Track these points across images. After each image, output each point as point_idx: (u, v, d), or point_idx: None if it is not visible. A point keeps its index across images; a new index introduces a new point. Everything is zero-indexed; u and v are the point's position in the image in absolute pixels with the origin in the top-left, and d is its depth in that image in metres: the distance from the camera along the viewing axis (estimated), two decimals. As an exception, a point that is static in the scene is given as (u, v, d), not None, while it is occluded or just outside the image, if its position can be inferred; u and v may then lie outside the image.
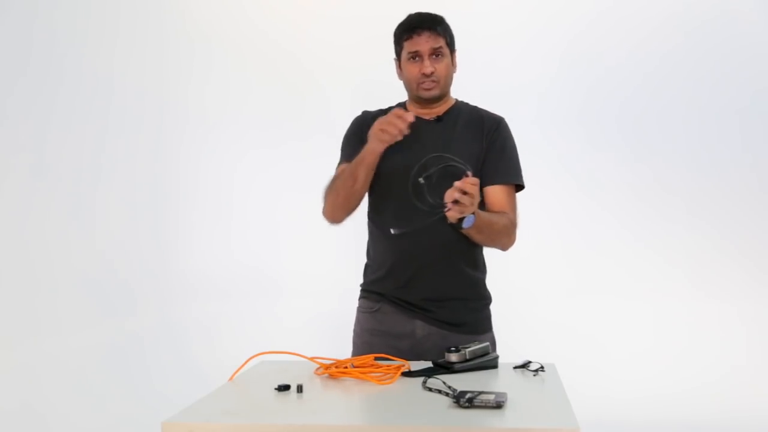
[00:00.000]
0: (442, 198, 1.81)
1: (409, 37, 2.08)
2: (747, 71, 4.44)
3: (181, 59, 4.65)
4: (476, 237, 2.02)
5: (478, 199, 1.82)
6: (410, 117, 1.92)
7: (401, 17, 2.15)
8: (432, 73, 2.07)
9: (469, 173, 1.81)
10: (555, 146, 4.44)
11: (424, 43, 2.06)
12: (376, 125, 1.94)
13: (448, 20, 2.15)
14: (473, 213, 1.86)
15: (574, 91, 4.51)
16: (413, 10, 2.16)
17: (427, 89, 2.09)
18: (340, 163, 2.19)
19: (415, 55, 2.07)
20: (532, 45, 4.51)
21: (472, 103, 2.24)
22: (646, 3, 4.50)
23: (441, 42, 2.08)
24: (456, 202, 1.79)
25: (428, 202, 1.87)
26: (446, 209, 1.81)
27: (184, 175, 4.65)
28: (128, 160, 4.58)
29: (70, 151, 4.51)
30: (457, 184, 1.78)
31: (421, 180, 1.85)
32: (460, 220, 1.86)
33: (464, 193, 1.78)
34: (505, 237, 2.08)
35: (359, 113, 2.23)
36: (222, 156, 4.62)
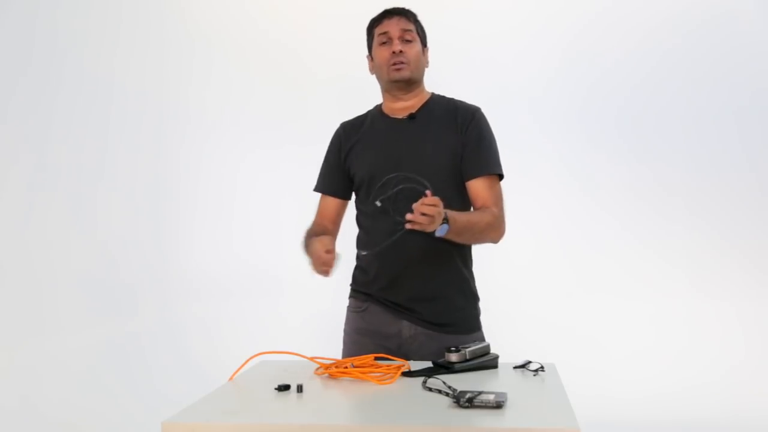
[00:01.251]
0: (404, 215, 1.78)
1: (380, 23, 2.13)
2: (746, 71, 4.44)
3: (182, 59, 4.66)
4: (458, 239, 1.98)
5: (440, 215, 1.78)
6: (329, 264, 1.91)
7: None
8: (401, 52, 2.07)
9: (428, 192, 1.79)
10: (554, 145, 4.45)
11: (394, 25, 2.10)
12: (315, 266, 1.95)
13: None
14: (445, 221, 1.83)
15: (573, 90, 4.51)
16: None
17: (397, 69, 2.07)
18: (316, 188, 2.25)
19: (385, 39, 2.10)
20: (532, 44, 4.51)
21: (469, 101, 2.22)
22: (645, 3, 4.50)
23: (411, 26, 2.11)
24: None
25: (391, 220, 1.86)
26: (405, 227, 1.77)
27: (185, 174, 4.65)
28: (129, 159, 4.59)
29: (72, 152, 4.51)
30: (414, 206, 1.74)
31: (377, 203, 1.86)
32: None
33: (423, 213, 1.75)
34: (491, 233, 2.04)
35: (338, 126, 2.25)
36: (223, 155, 4.62)
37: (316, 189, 2.25)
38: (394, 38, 2.09)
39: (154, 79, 4.61)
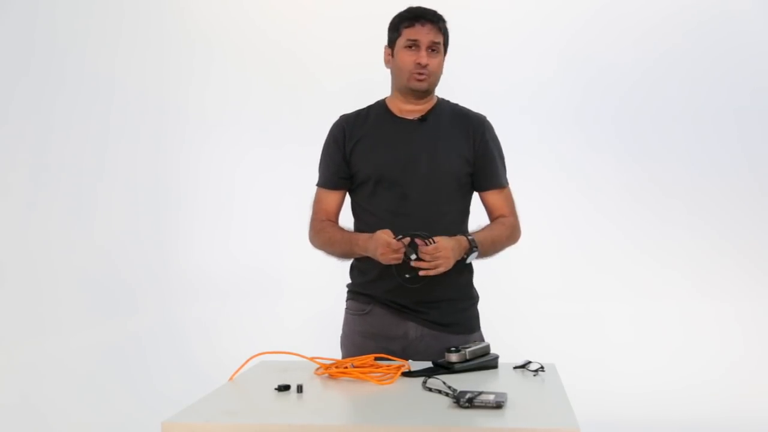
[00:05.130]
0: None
1: (411, 26, 2.05)
2: (745, 70, 4.44)
3: (182, 59, 4.66)
4: (485, 258, 2.08)
5: (450, 260, 1.92)
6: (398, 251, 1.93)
7: None
8: (427, 65, 2.05)
9: (428, 241, 1.91)
10: (551, 145, 4.44)
11: (425, 34, 2.04)
12: (380, 255, 1.93)
13: (445, 19, 2.13)
14: (476, 248, 1.99)
15: (570, 89, 4.51)
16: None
17: (419, 80, 2.06)
18: (318, 184, 2.20)
19: (413, 44, 2.05)
20: (528, 43, 4.51)
21: (467, 101, 2.23)
22: (644, 2, 4.50)
23: (440, 38, 2.07)
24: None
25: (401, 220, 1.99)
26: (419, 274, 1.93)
27: (184, 175, 4.65)
28: (129, 160, 4.59)
29: (72, 152, 4.51)
30: (423, 255, 1.90)
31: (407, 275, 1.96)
32: (464, 257, 2.00)
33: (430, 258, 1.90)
34: (510, 242, 2.15)
35: (337, 118, 2.21)
36: (222, 156, 4.62)
37: (323, 185, 2.19)
38: (422, 47, 2.04)
39: (154, 79, 4.61)
